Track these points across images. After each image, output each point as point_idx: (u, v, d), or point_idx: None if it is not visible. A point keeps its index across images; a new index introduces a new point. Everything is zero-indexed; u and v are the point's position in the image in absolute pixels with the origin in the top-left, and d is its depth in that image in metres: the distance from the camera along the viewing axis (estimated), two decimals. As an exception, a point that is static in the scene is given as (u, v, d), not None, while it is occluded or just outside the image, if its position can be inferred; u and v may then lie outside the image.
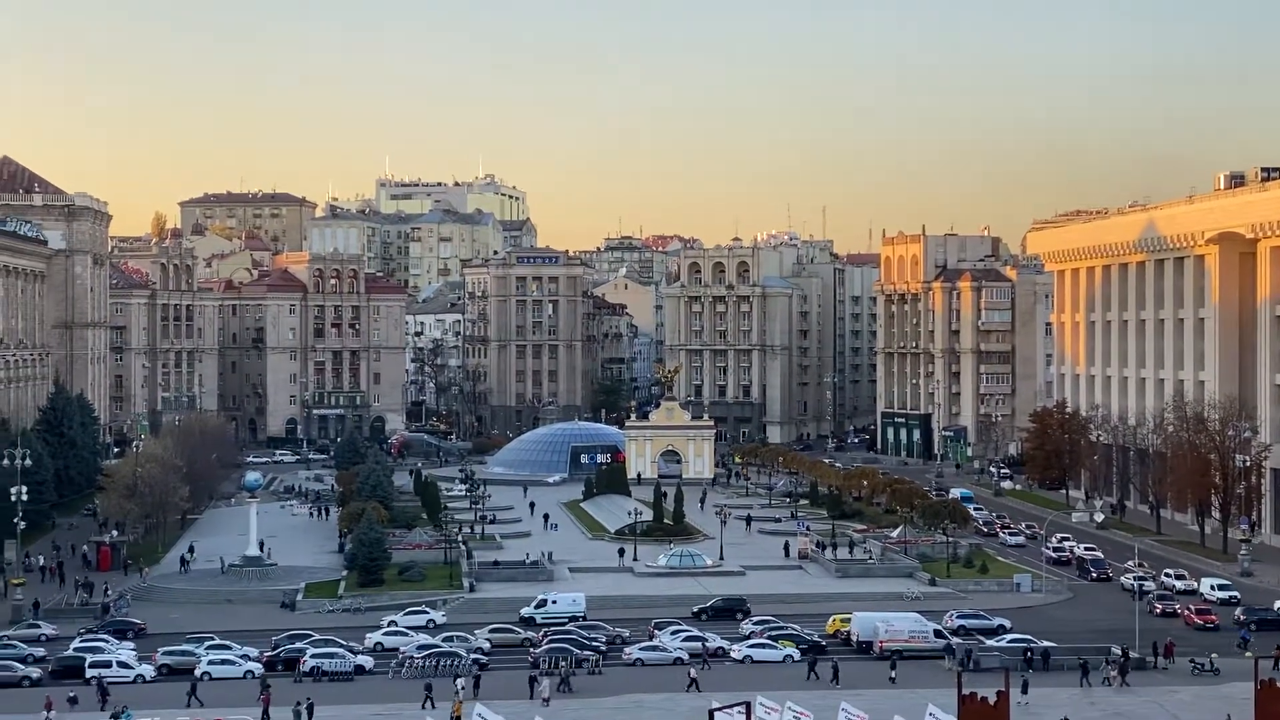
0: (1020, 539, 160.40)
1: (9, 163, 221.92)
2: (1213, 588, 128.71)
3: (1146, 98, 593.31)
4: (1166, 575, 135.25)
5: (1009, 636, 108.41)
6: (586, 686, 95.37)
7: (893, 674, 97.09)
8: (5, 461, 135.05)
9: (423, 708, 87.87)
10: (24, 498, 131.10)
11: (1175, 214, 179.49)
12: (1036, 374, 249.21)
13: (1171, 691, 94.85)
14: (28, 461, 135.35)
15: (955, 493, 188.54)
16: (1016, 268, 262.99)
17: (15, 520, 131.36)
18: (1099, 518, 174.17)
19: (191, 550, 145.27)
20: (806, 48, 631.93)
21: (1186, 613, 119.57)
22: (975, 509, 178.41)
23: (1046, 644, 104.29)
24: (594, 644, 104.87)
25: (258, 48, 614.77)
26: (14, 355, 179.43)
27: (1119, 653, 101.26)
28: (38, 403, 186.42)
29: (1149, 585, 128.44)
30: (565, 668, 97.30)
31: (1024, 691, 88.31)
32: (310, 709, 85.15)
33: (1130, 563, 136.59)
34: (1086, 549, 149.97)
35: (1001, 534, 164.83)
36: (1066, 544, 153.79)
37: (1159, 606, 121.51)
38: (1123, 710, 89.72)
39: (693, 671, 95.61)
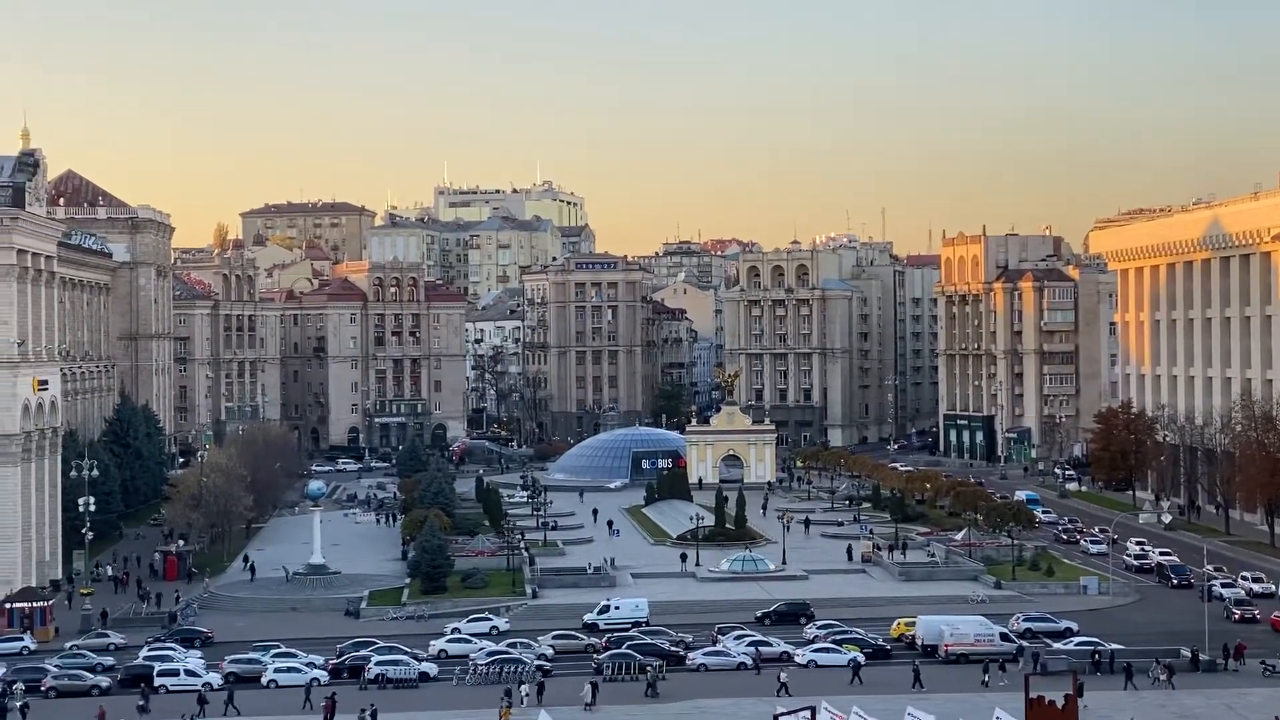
0: (1102, 546, 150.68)
1: (73, 177, 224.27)
2: None
3: (1209, 93, 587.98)
4: (1243, 579, 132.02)
5: (1076, 639, 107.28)
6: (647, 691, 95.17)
7: (985, 678, 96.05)
8: (73, 473, 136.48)
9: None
10: (91, 508, 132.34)
11: (1240, 211, 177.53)
12: (1101, 374, 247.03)
13: (1242, 693, 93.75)
14: (95, 472, 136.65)
15: (1021, 495, 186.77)
16: (1079, 267, 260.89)
17: (83, 530, 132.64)
18: (1166, 519, 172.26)
19: (246, 559, 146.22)
20: (864, 48, 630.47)
21: (1276, 618, 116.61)
22: (1044, 513, 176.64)
23: (1114, 646, 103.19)
24: (665, 648, 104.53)
25: (316, 59, 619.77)
26: (80, 367, 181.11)
27: (1188, 654, 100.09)
28: (104, 414, 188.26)
29: (1234, 590, 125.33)
30: (652, 672, 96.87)
31: (1079, 695, 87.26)
32: (374, 716, 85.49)
33: (1209, 567, 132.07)
34: (1163, 553, 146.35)
35: (1083, 541, 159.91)
36: (1143, 548, 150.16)
37: (1238, 612, 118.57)
38: (1193, 712, 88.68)
39: (783, 675, 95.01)
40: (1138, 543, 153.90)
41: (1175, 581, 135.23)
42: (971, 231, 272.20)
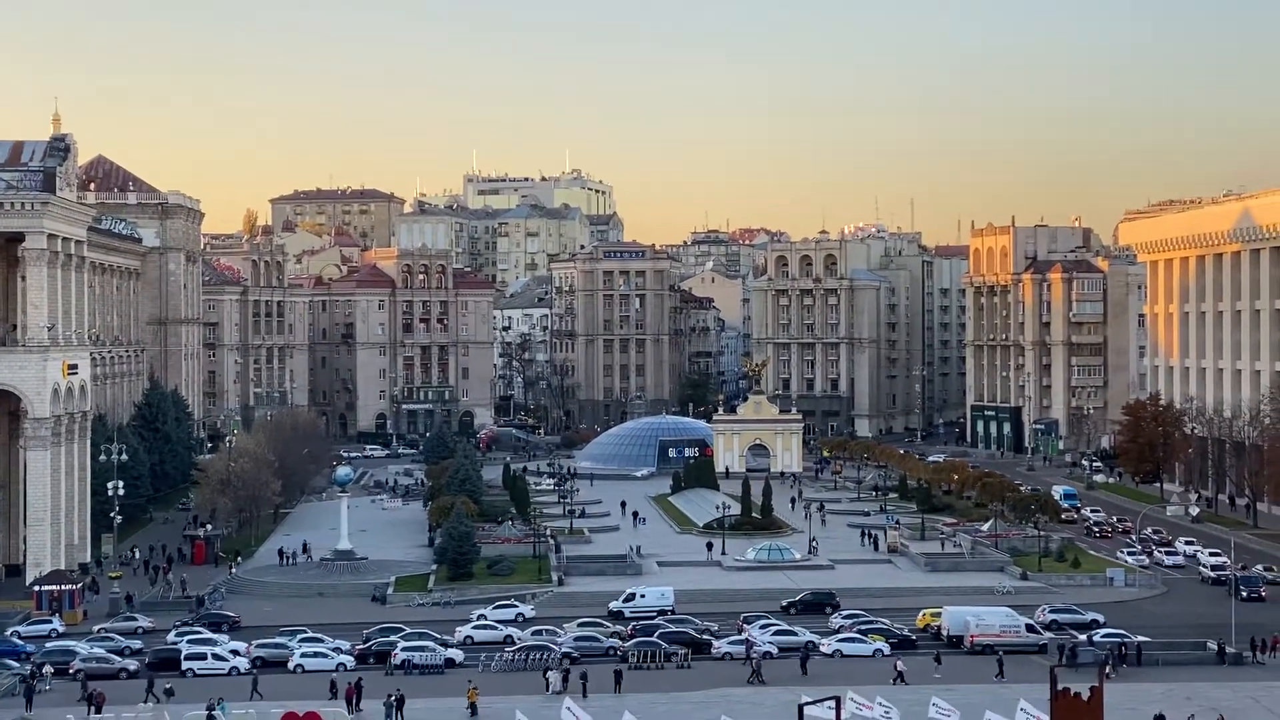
0: (1179, 558, 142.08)
1: (104, 162, 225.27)
2: None
3: (1240, 85, 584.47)
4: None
5: (1102, 631, 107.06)
6: (673, 681, 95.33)
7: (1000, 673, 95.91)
8: (102, 456, 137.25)
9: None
10: (120, 492, 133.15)
11: (1271, 202, 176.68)
12: (1129, 366, 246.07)
13: (1270, 686, 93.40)
14: (124, 457, 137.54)
15: (1057, 490, 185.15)
16: (1108, 259, 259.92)
17: (112, 514, 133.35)
18: (1194, 511, 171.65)
19: (237, 556, 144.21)
20: (892, 39, 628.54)
21: None
22: (1093, 512, 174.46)
23: (1140, 639, 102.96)
24: (693, 636, 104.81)
25: (345, 47, 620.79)
26: (110, 352, 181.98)
27: (1214, 647, 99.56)
28: (133, 398, 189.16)
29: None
30: (756, 659, 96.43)
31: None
32: (400, 701, 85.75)
33: (1259, 567, 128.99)
34: (1212, 553, 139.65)
35: (1157, 552, 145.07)
36: (1195, 546, 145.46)
37: None
38: (1220, 705, 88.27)
39: (899, 664, 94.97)
40: (1187, 542, 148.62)
41: (1246, 595, 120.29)
42: (1000, 222, 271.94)
